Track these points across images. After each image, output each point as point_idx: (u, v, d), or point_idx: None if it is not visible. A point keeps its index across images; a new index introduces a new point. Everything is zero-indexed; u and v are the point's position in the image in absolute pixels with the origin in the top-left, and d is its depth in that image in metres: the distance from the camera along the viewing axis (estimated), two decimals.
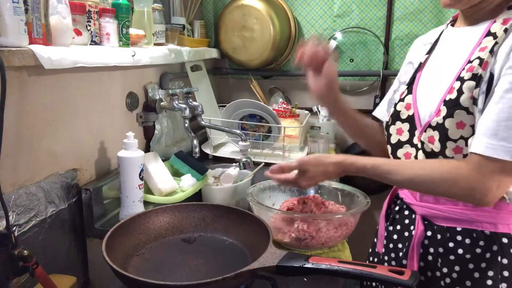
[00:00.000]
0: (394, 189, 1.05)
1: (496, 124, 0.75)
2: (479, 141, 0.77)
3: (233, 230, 0.99)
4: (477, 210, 0.85)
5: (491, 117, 0.76)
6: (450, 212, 0.88)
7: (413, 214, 0.96)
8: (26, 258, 0.78)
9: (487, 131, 0.76)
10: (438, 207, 0.89)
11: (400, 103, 0.97)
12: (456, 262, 0.87)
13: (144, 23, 1.27)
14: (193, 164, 1.31)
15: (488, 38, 0.83)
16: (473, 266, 0.86)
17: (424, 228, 0.92)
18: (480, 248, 0.85)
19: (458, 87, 0.82)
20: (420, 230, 0.92)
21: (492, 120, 0.76)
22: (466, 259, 0.86)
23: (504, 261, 0.84)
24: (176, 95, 1.36)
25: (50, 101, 0.98)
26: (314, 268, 0.74)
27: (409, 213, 0.98)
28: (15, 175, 0.89)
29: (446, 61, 0.92)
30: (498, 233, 0.85)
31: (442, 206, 0.89)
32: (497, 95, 0.77)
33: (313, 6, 1.95)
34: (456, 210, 0.87)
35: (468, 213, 0.86)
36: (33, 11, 0.81)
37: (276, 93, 2.00)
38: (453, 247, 0.88)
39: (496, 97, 0.77)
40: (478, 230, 0.86)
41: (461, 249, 0.87)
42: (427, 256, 0.92)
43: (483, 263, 0.85)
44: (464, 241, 0.87)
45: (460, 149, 0.83)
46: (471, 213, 0.86)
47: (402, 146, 0.95)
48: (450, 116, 0.82)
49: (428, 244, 0.91)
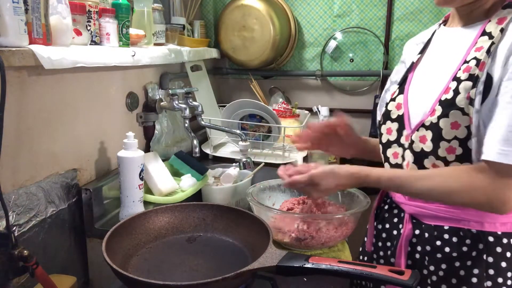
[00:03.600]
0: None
1: (507, 130, 0.74)
2: (491, 148, 0.76)
3: (233, 230, 0.99)
4: (464, 209, 0.85)
5: (500, 123, 0.75)
6: (438, 210, 0.88)
7: (402, 212, 0.96)
8: (26, 258, 0.78)
9: (498, 137, 0.75)
10: (427, 205, 0.90)
11: (391, 103, 0.97)
12: (442, 260, 0.88)
13: (144, 23, 1.27)
14: (193, 164, 1.31)
15: (484, 38, 0.82)
16: (459, 264, 0.86)
17: (412, 227, 0.92)
18: (466, 247, 0.86)
19: (454, 87, 0.82)
20: (408, 228, 0.92)
21: (502, 126, 0.75)
22: (453, 257, 0.87)
23: (490, 260, 0.84)
24: (176, 95, 1.36)
25: (50, 101, 0.98)
26: (314, 268, 0.74)
27: (398, 212, 0.98)
28: (15, 175, 0.89)
29: (440, 61, 0.91)
30: (484, 232, 0.85)
31: (430, 205, 0.89)
32: (504, 101, 0.76)
33: (313, 6, 1.94)
34: (443, 208, 0.87)
35: (455, 211, 0.86)
36: (33, 11, 0.81)
37: (276, 93, 2.00)
38: (440, 246, 0.88)
39: (503, 103, 0.76)
40: (465, 228, 0.86)
41: (448, 248, 0.87)
42: (414, 254, 0.92)
43: (468, 261, 0.85)
44: (451, 240, 0.87)
45: (454, 150, 0.82)
46: (458, 211, 0.86)
47: (390, 145, 0.95)
48: (445, 116, 0.82)
49: (416, 242, 0.92)
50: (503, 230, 0.85)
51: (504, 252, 0.84)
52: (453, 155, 0.83)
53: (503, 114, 0.76)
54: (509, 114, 0.75)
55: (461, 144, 0.81)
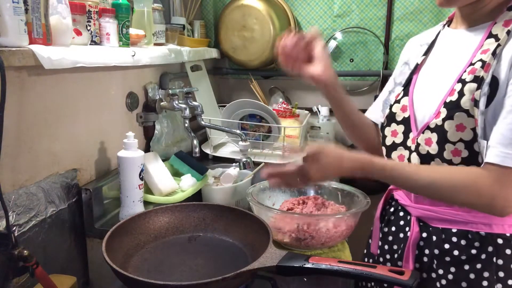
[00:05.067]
0: (389, 190, 1.05)
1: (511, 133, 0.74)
2: (495, 150, 0.76)
3: (233, 230, 0.99)
4: (471, 211, 0.85)
5: (505, 126, 0.75)
6: (445, 213, 0.87)
7: (408, 215, 0.95)
8: (26, 258, 0.78)
9: (502, 140, 0.75)
10: (433, 208, 0.89)
11: (396, 105, 0.96)
12: (451, 264, 0.87)
13: (144, 23, 1.27)
14: (193, 164, 1.31)
15: (490, 40, 0.82)
16: (468, 267, 0.85)
17: (419, 230, 0.92)
18: (475, 249, 0.85)
19: (459, 89, 0.82)
20: (415, 231, 0.91)
21: (507, 129, 0.75)
22: (462, 260, 0.86)
23: (500, 262, 0.84)
24: (176, 95, 1.36)
25: (50, 101, 0.98)
26: (314, 268, 0.74)
27: (404, 215, 0.97)
28: (15, 175, 0.89)
29: (445, 63, 0.91)
30: (493, 234, 0.84)
31: (437, 207, 0.89)
32: (510, 103, 0.75)
33: (313, 6, 1.94)
34: (451, 211, 0.87)
35: (463, 214, 0.86)
36: (33, 11, 0.81)
37: (276, 93, 2.00)
38: (448, 249, 0.87)
39: (509, 105, 0.76)
40: (473, 231, 0.85)
41: (456, 251, 0.87)
42: (422, 257, 0.91)
43: (478, 264, 0.85)
44: (460, 242, 0.86)
45: (459, 152, 0.82)
46: (466, 214, 0.85)
47: (396, 148, 0.94)
48: (450, 118, 0.82)
49: (424, 245, 0.91)
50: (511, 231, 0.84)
51: None
52: (459, 158, 0.82)
53: (508, 117, 0.75)
54: None
55: (467, 147, 0.81)
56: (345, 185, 1.18)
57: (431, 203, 0.90)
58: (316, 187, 1.21)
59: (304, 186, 1.15)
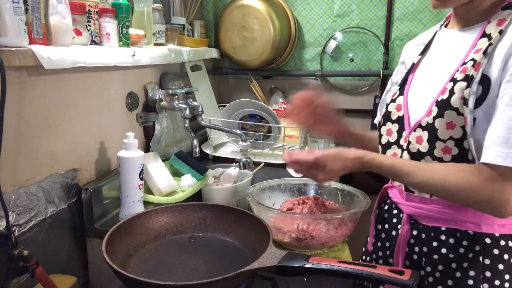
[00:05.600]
0: (384, 188, 1.05)
1: (506, 132, 0.74)
2: (489, 150, 0.76)
3: (233, 230, 0.99)
4: (461, 210, 0.85)
5: (500, 125, 0.75)
6: (435, 211, 0.88)
7: (401, 213, 0.96)
8: (26, 258, 0.78)
9: (497, 139, 0.75)
10: (424, 206, 0.90)
11: (392, 104, 0.97)
12: (439, 262, 0.88)
13: (144, 23, 1.27)
14: (193, 164, 1.31)
15: (483, 40, 0.82)
16: (455, 265, 0.86)
17: (410, 227, 0.92)
18: (463, 248, 0.86)
19: (450, 88, 0.82)
20: (405, 229, 0.92)
21: (501, 128, 0.75)
22: (449, 259, 0.87)
23: (487, 262, 0.84)
24: (176, 95, 1.36)
25: (50, 101, 0.98)
26: (314, 268, 0.74)
27: (397, 212, 0.98)
28: (15, 175, 0.89)
29: (440, 62, 0.91)
30: (481, 233, 0.85)
31: (427, 205, 0.89)
32: (503, 103, 0.75)
33: (313, 6, 1.94)
34: (440, 209, 0.87)
35: (452, 212, 0.86)
36: (33, 11, 0.81)
37: (276, 93, 2.00)
38: (437, 247, 0.88)
39: (502, 105, 0.75)
40: (462, 230, 0.86)
41: (444, 249, 0.87)
42: (412, 255, 0.92)
43: (465, 262, 0.85)
44: (448, 241, 0.87)
45: (449, 150, 0.82)
46: (455, 213, 0.86)
47: (390, 146, 0.95)
48: (440, 116, 0.82)
49: (414, 243, 0.92)
50: (501, 232, 0.84)
51: (502, 254, 0.84)
52: (449, 155, 0.83)
53: (502, 116, 0.75)
54: (508, 116, 0.74)
55: (457, 144, 0.81)
56: (345, 185, 1.18)
57: (422, 201, 0.90)
58: (316, 187, 1.21)
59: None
